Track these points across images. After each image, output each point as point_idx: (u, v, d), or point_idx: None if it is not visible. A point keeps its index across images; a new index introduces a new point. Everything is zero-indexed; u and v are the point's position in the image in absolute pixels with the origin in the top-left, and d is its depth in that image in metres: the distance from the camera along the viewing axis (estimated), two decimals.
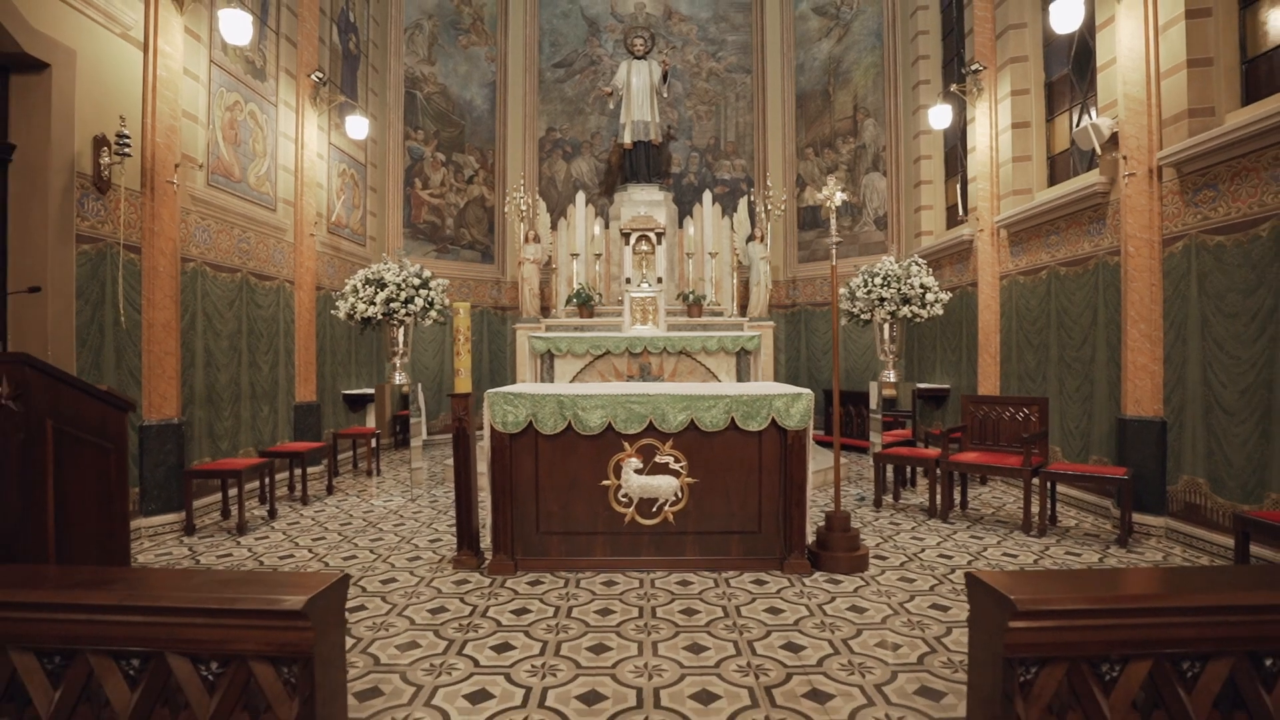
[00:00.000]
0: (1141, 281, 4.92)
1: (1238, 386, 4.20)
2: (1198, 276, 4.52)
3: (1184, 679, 1.73)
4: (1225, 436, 4.29)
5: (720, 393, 4.09)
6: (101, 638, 1.77)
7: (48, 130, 4.24)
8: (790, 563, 4.01)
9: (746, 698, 2.57)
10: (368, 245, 8.94)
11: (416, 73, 10.01)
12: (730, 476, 4.09)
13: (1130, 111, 5.01)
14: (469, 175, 10.65)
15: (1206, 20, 4.59)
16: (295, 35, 7.08)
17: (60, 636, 1.78)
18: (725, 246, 9.43)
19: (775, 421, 4.02)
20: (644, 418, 4.03)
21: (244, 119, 6.23)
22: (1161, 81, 4.82)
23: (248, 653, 1.71)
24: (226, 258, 5.93)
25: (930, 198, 8.81)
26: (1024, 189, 6.72)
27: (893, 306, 5.95)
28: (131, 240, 4.84)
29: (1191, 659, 1.73)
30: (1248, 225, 4.15)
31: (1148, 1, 4.88)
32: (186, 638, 1.72)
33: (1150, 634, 1.70)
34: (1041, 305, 6.25)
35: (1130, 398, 4.99)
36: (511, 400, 4.04)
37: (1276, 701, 1.72)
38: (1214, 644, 1.71)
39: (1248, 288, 4.14)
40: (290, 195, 7.00)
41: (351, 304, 6.03)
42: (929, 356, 8.66)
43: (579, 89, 11.10)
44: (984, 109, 7.18)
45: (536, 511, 4.09)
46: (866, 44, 9.92)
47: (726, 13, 11.10)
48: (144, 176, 4.96)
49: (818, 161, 10.54)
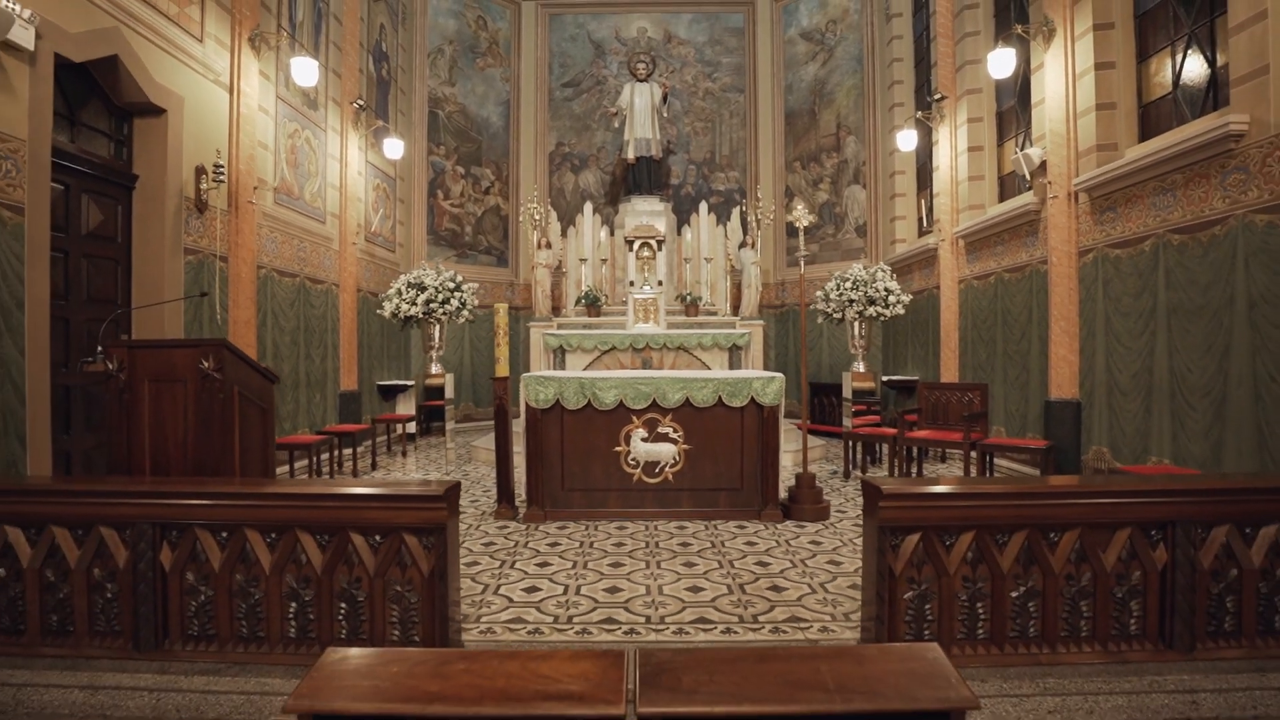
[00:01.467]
0: (1062, 286, 5.90)
1: (1129, 371, 5.19)
2: (1103, 283, 5.50)
3: (998, 544, 2.71)
4: (1121, 412, 5.28)
5: (710, 376, 5.08)
6: (299, 520, 2.74)
7: (164, 163, 5.21)
8: (766, 513, 4.99)
9: (725, 590, 3.55)
10: (397, 251, 9.91)
11: (438, 93, 10.98)
12: (718, 444, 5.06)
13: (1054, 144, 6.00)
14: (486, 186, 11.63)
15: (1112, 71, 5.58)
16: (340, 68, 8.06)
17: (275, 520, 2.75)
18: (719, 252, 10.39)
19: (754, 399, 5.00)
20: (648, 396, 5.00)
21: (301, 144, 7.21)
22: (1078, 120, 5.80)
23: (401, 526, 2.68)
24: (288, 264, 6.91)
25: (904, 209, 9.79)
26: (978, 204, 7.71)
27: (860, 307, 6.93)
28: (221, 251, 5.81)
29: (1002, 530, 2.70)
30: (1136, 241, 5.13)
31: (1068, 54, 5.87)
32: (362, 518, 2.69)
33: (973, 514, 2.68)
34: (990, 306, 7.23)
35: (1054, 383, 5.98)
36: (543, 381, 5.02)
37: (1057, 559, 2.70)
38: (1016, 521, 2.69)
39: (1136, 292, 5.13)
40: (336, 209, 7.97)
41: (396, 304, 6.99)
42: (903, 352, 9.64)
43: (586, 106, 12.08)
44: (946, 133, 8.17)
45: (562, 472, 5.07)
46: (848, 68, 10.90)
47: (721, 37, 12.09)
48: (230, 198, 5.93)
49: (804, 174, 11.52)
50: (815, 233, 11.30)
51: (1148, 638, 2.76)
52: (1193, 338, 4.61)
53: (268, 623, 2.76)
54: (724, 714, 1.43)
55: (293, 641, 2.76)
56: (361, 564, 2.72)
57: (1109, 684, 2.62)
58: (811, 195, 11.39)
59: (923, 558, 2.70)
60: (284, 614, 2.76)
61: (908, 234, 9.71)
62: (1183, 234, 4.70)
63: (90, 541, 2.82)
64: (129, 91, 4.93)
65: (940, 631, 2.71)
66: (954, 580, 2.71)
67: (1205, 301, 4.51)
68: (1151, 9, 5.38)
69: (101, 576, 2.83)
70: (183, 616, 2.80)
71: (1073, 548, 2.72)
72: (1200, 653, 2.73)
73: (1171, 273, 4.80)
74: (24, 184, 3.96)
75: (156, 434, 3.18)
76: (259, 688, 2.63)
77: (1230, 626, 2.78)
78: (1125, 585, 2.75)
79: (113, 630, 2.83)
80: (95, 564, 2.83)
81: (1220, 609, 2.77)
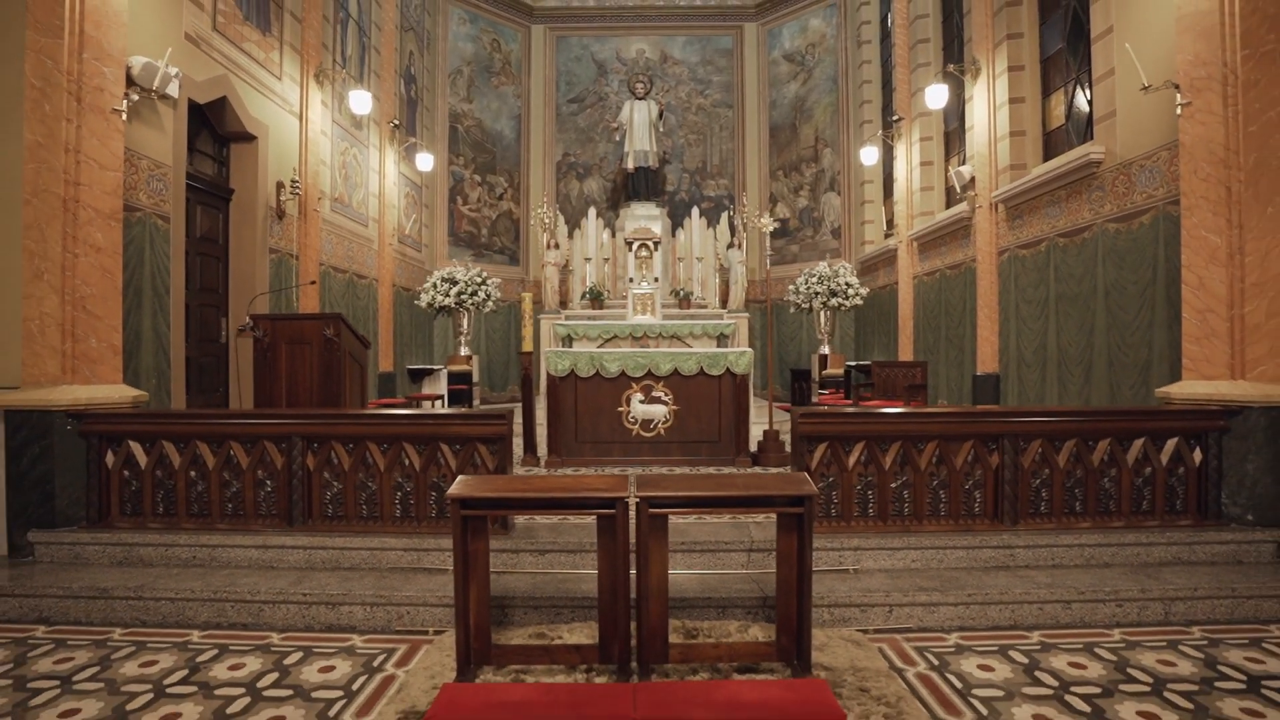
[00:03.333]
0: (986, 280, 7.17)
1: (1031, 348, 6.45)
2: (1014, 277, 6.77)
3: (881, 450, 3.96)
4: (1026, 381, 6.54)
5: (694, 351, 6.33)
6: (406, 435, 3.99)
7: (254, 179, 6.46)
8: (739, 460, 6.23)
9: None
10: (423, 251, 11.17)
11: (458, 109, 12.24)
12: (701, 405, 6.31)
13: (980, 163, 7.26)
14: (499, 193, 12.89)
15: (1022, 105, 6.85)
16: (379, 92, 9.31)
17: (387, 434, 3.99)
18: (709, 252, 11.65)
19: (729, 369, 6.25)
20: (645, 366, 6.25)
21: (350, 160, 8.46)
22: (997, 144, 7.07)
23: (474, 437, 3.93)
24: (340, 262, 8.16)
25: (872, 214, 11.05)
26: (928, 211, 8.97)
27: (824, 299, 8.18)
28: (295, 250, 7.06)
29: (885, 440, 3.95)
30: (1035, 243, 6.40)
31: (990, 90, 7.13)
32: (448, 432, 3.94)
33: (864, 429, 3.93)
34: (936, 298, 8.49)
35: (980, 360, 7.24)
36: (560, 355, 6.27)
37: (923, 461, 3.95)
38: (894, 434, 3.94)
39: (1035, 284, 6.39)
40: (375, 214, 9.23)
41: (431, 296, 8.23)
42: (870, 340, 10.90)
43: (590, 120, 13.34)
44: (903, 149, 9.43)
45: (575, 428, 6.31)
46: (825, 87, 12.17)
47: (712, 57, 13.35)
48: (300, 207, 7.18)
49: (786, 182, 12.79)
50: (796, 234, 12.57)
51: (985, 516, 4.02)
52: (1071, 319, 5.87)
53: (381, 505, 4.02)
54: (680, 496, 2.69)
55: (398, 519, 4.02)
56: (447, 464, 3.98)
57: (954, 542, 3.88)
58: (793, 201, 12.66)
59: (830, 459, 3.96)
60: (393, 500, 4.02)
61: (875, 236, 10.97)
62: (1065, 238, 5.96)
63: (256, 451, 4.07)
64: (231, 123, 6.18)
65: (843, 510, 3.97)
66: (851, 475, 3.97)
67: (1079, 291, 5.77)
68: (1052, 55, 6.64)
69: (264, 476, 4.08)
70: (321, 502, 4.06)
71: (934, 453, 3.98)
72: (1021, 525, 3.99)
73: (1058, 268, 6.06)
74: (170, 199, 5.21)
75: (290, 381, 4.43)
76: (379, 545, 3.89)
77: (1045, 509, 4.04)
78: (971, 479, 4.01)
79: (271, 513, 4.08)
80: (259, 467, 4.08)
81: (1037, 496, 4.03)
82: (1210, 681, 2.85)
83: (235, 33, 6.14)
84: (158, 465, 4.11)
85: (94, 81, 4.27)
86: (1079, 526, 3.98)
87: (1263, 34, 4.04)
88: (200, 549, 3.94)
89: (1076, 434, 4.03)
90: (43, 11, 4.12)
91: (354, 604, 3.48)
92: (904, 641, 3.28)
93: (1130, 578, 3.66)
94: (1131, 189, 5.16)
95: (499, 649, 2.91)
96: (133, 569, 3.86)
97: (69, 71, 4.15)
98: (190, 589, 3.55)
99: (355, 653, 3.19)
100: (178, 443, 4.09)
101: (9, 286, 4.19)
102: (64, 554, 4.00)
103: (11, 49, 4.16)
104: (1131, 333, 5.15)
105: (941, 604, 3.46)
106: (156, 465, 4.11)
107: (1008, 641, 3.28)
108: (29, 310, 4.12)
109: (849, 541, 3.83)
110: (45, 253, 4.12)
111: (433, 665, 2.98)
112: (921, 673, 2.96)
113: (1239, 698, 2.71)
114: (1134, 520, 4.06)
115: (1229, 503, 4.08)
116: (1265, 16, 4.04)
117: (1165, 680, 2.86)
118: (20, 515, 4.08)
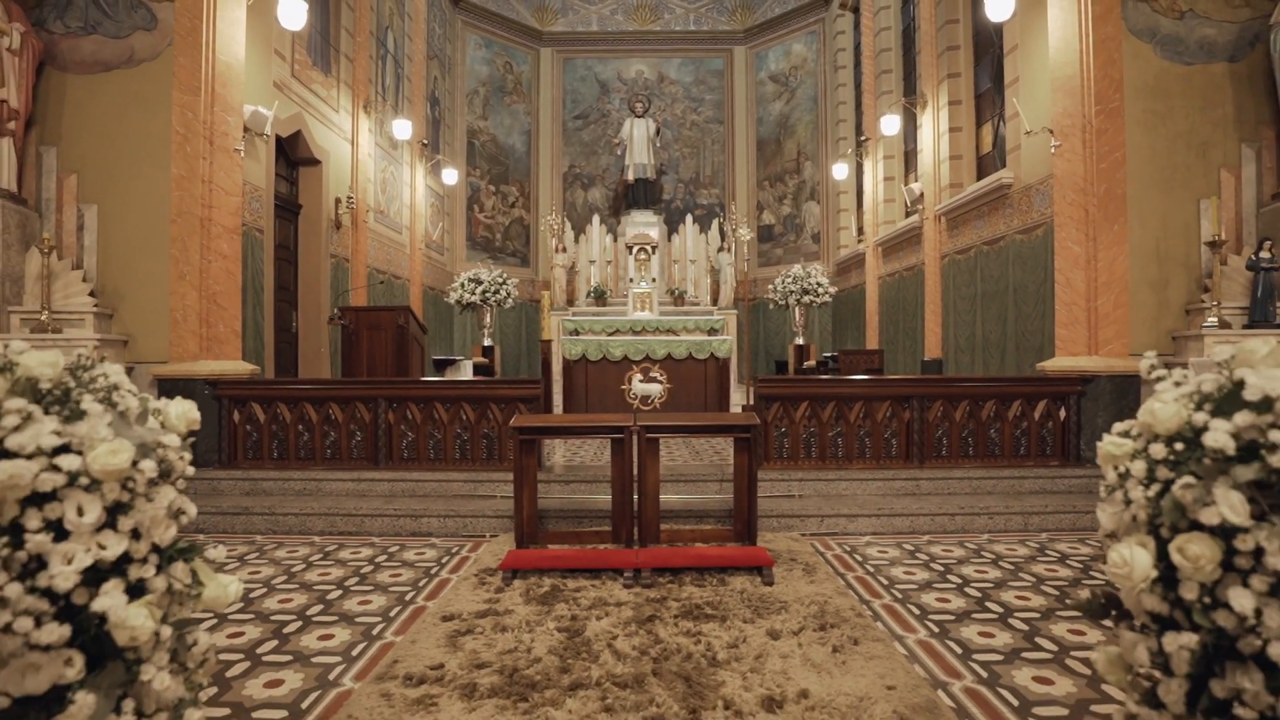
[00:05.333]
0: (931, 281, 8.48)
1: (964, 337, 7.76)
2: (952, 278, 8.08)
3: (822, 409, 5.27)
4: (962, 365, 7.85)
5: (684, 338, 7.64)
6: (452, 396, 5.29)
7: (319, 197, 7.77)
8: None
9: (691, 460, 6.11)
10: (445, 254, 12.48)
11: (474, 126, 13.55)
12: (690, 384, 7.62)
13: (927, 181, 8.58)
14: (512, 201, 14.20)
15: (960, 134, 8.16)
16: (411, 116, 10.62)
17: (450, 396, 5.29)
18: (702, 255, 12.96)
19: (713, 354, 7.56)
20: (643, 351, 7.56)
21: (389, 176, 9.77)
22: (940, 166, 8.39)
23: (516, 398, 5.23)
24: (381, 265, 9.46)
25: (846, 221, 12.37)
26: (890, 220, 10.29)
27: (798, 296, 9.49)
28: (348, 255, 8.37)
29: (823, 401, 5.26)
30: (967, 250, 7.72)
31: (935, 119, 8.45)
32: (496, 394, 5.24)
33: (806, 392, 5.24)
34: (895, 296, 9.81)
35: (928, 348, 8.55)
36: (574, 342, 7.58)
37: (852, 416, 5.26)
38: (830, 395, 5.25)
39: (966, 284, 7.71)
40: (408, 223, 10.53)
41: (460, 294, 9.53)
42: (844, 332, 12.22)
43: (593, 135, 14.65)
44: (870, 165, 10.75)
45: (586, 403, 7.62)
46: (806, 106, 13.49)
47: (705, 78, 14.67)
48: (353, 219, 8.49)
49: (771, 191, 14.11)
50: (780, 239, 13.89)
51: (899, 457, 5.34)
52: (991, 313, 7.19)
53: (445, 449, 5.32)
54: (667, 424, 4.00)
55: (458, 460, 5.33)
56: (495, 419, 5.29)
57: (874, 476, 5.19)
58: (777, 209, 13.98)
59: (782, 415, 5.28)
60: (454, 445, 5.33)
61: (849, 241, 12.29)
62: (988, 245, 7.28)
63: (349, 410, 5.38)
64: (301, 151, 7.49)
65: (791, 453, 5.28)
66: (798, 426, 5.28)
67: (997, 289, 7.09)
68: (984, 93, 7.96)
69: (354, 428, 5.39)
70: (399, 447, 5.36)
71: (860, 411, 5.30)
72: (926, 464, 5.31)
73: (982, 271, 7.38)
74: (264, 215, 6.52)
75: (370, 360, 5.74)
76: (445, 478, 5.19)
77: (945, 452, 5.35)
78: (889, 430, 5.32)
79: (361, 456, 5.39)
80: (351, 422, 5.38)
81: (939, 443, 5.34)
82: (1033, 558, 4.16)
83: (306, 76, 7.45)
84: (273, 420, 5.42)
85: (221, 128, 5.58)
86: (970, 465, 5.30)
87: (1110, 94, 5.36)
88: (309, 482, 5.25)
89: (968, 396, 5.34)
90: (186, 75, 5.43)
91: (430, 517, 4.79)
92: (829, 539, 4.60)
93: (1003, 501, 4.97)
94: (1031, 208, 6.47)
95: (543, 533, 4.22)
96: (258, 496, 5.17)
97: (204, 121, 5.47)
98: (309, 507, 4.85)
99: (435, 546, 4.50)
100: (290, 404, 5.39)
101: (158, 285, 5.50)
102: (204, 487, 5.30)
103: (163, 104, 5.47)
104: (1031, 322, 6.47)
105: (859, 516, 4.77)
106: (272, 420, 5.42)
107: (903, 539, 4.59)
108: (174, 303, 5.43)
109: (795, 475, 5.15)
110: (186, 259, 5.43)
111: (494, 549, 4.29)
112: (836, 554, 4.27)
113: (1048, 565, 4.02)
114: (1014, 461, 5.38)
115: (1085, 448, 5.40)
116: (1111, 81, 5.36)
117: (1004, 557, 4.17)
118: None
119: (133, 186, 5.51)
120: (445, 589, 3.66)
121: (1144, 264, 5.44)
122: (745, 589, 3.53)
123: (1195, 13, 5.48)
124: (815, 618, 3.16)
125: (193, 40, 5.42)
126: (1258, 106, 5.46)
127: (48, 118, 5.56)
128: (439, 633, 3.04)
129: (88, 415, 1.06)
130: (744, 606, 3.29)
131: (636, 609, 3.27)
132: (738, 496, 4.19)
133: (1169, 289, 5.47)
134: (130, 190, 5.51)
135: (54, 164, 5.51)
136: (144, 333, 5.51)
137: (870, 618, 3.21)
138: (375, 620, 3.24)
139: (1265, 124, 5.43)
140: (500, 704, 2.42)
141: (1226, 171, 5.48)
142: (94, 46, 5.54)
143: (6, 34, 5.14)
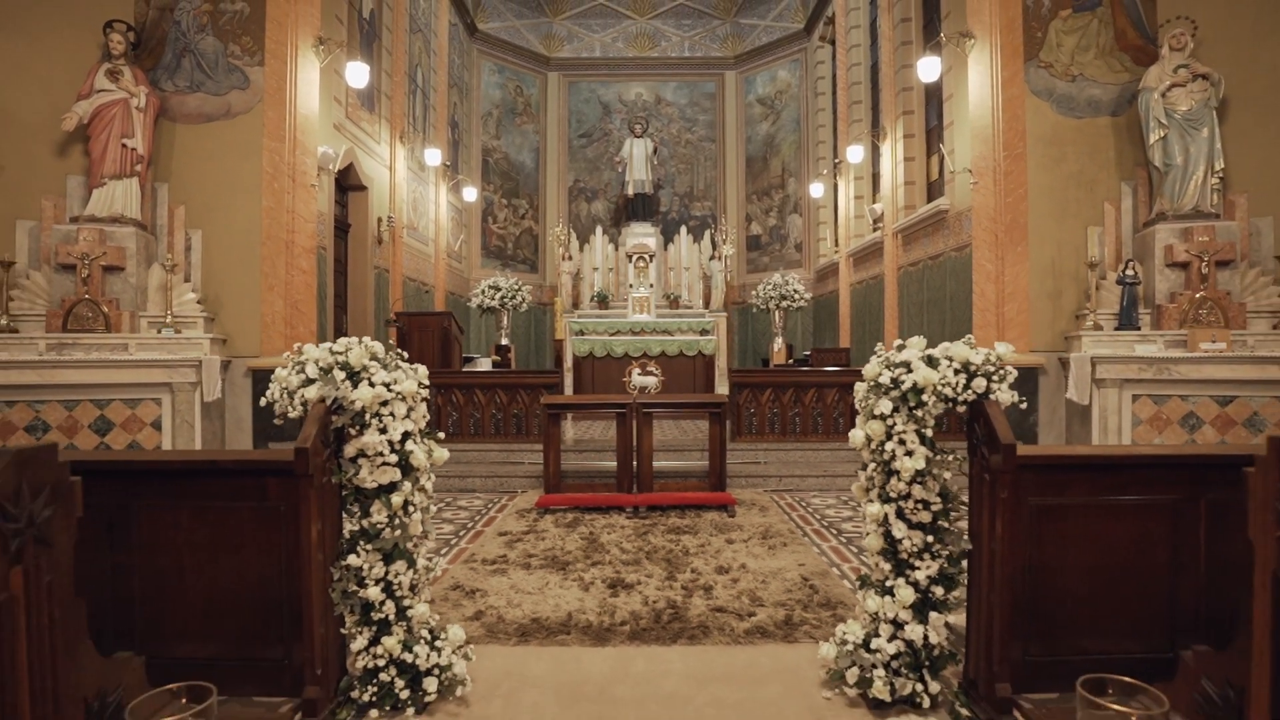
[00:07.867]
0: (890, 289, 9.83)
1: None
2: (906, 287, 9.43)
3: (783, 394, 6.61)
4: None
5: (675, 338, 8.99)
6: (489, 384, 6.63)
7: (365, 218, 9.12)
8: None
9: (680, 436, 7.46)
10: (462, 263, 13.82)
11: (488, 145, 14.89)
12: (681, 377, 8.96)
13: (887, 202, 9.93)
14: (522, 213, 15.55)
15: (913, 162, 9.52)
16: (437, 141, 11.97)
17: (488, 383, 6.63)
18: (695, 263, 14.29)
19: (701, 352, 8.91)
20: (642, 349, 8.91)
21: (418, 195, 11.12)
22: (898, 189, 9.74)
23: (540, 384, 6.56)
24: (413, 274, 10.80)
25: (824, 233, 13.72)
26: (859, 234, 11.64)
27: (776, 301, 10.83)
28: (388, 267, 9.71)
29: (784, 388, 6.60)
30: (916, 264, 9.07)
31: (894, 149, 9.81)
32: (525, 381, 6.58)
33: (770, 380, 6.58)
34: (863, 301, 11.15)
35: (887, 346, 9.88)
36: (582, 341, 8.93)
37: (806, 401, 6.61)
38: (789, 384, 6.60)
39: (916, 293, 9.06)
40: (433, 236, 11.88)
41: (481, 299, 10.88)
42: (823, 334, 13.57)
43: (596, 152, 16.00)
44: (843, 185, 12.10)
45: (593, 392, 8.95)
46: (790, 127, 14.84)
47: (698, 100, 16.02)
48: (392, 236, 9.83)
49: (759, 204, 15.46)
50: (767, 248, 15.24)
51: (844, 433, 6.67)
52: (934, 318, 8.53)
53: (483, 426, 6.66)
54: (658, 402, 5.35)
55: (494, 435, 6.67)
56: (523, 401, 6.63)
57: (824, 447, 6.53)
58: (764, 220, 15.34)
59: (751, 399, 6.62)
60: (491, 422, 6.66)
61: (827, 251, 13.63)
62: (932, 260, 8.63)
63: None
64: (351, 179, 8.84)
65: (758, 429, 6.62)
66: (764, 408, 6.63)
67: (938, 297, 8.43)
68: (933, 127, 9.31)
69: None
70: (446, 424, 6.70)
71: (813, 396, 6.64)
72: None
73: (928, 282, 8.73)
74: (327, 236, 7.86)
75: (424, 354, 7.08)
76: (484, 449, 6.54)
77: None
78: (837, 410, 6.67)
79: None
80: None
81: None
82: None
83: (356, 116, 8.79)
84: None
85: (300, 168, 6.92)
86: None
87: (1015, 142, 6.71)
88: None
89: None
90: (274, 125, 6.77)
91: (474, 476, 6.13)
92: (785, 494, 5.95)
93: None
94: (962, 230, 7.82)
95: (565, 485, 5.57)
96: None
97: (288, 163, 6.81)
98: None
99: (481, 498, 5.85)
100: None
101: (251, 295, 6.83)
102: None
103: (255, 150, 6.80)
104: (962, 325, 7.81)
105: (809, 477, 6.12)
106: None
107: (842, 494, 5.94)
108: (265, 309, 6.77)
109: (761, 445, 6.49)
110: (275, 274, 6.77)
111: (527, 500, 5.64)
112: (788, 503, 5.62)
113: None
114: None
115: None
116: (1016, 131, 6.71)
117: None
118: (261, 433, 6.73)
119: (230, 215, 6.83)
120: (495, 521, 5.01)
121: (1042, 278, 6.76)
122: (714, 519, 4.89)
123: (1084, 76, 6.81)
124: (761, 533, 4.52)
125: (279, 98, 6.76)
126: (1134, 151, 6.78)
127: (160, 159, 6.88)
128: (498, 541, 4.40)
129: (388, 368, 2.41)
130: (712, 528, 4.65)
131: (636, 529, 4.63)
132: (711, 456, 5.54)
133: (1062, 298, 6.80)
134: (228, 218, 6.83)
135: (166, 197, 6.83)
136: (239, 333, 6.84)
137: (800, 535, 4.57)
138: (450, 537, 4.60)
139: (1140, 165, 6.76)
140: (547, 571, 3.78)
141: (1109, 204, 6.81)
142: (198, 102, 6.87)
143: (135, 95, 6.48)
